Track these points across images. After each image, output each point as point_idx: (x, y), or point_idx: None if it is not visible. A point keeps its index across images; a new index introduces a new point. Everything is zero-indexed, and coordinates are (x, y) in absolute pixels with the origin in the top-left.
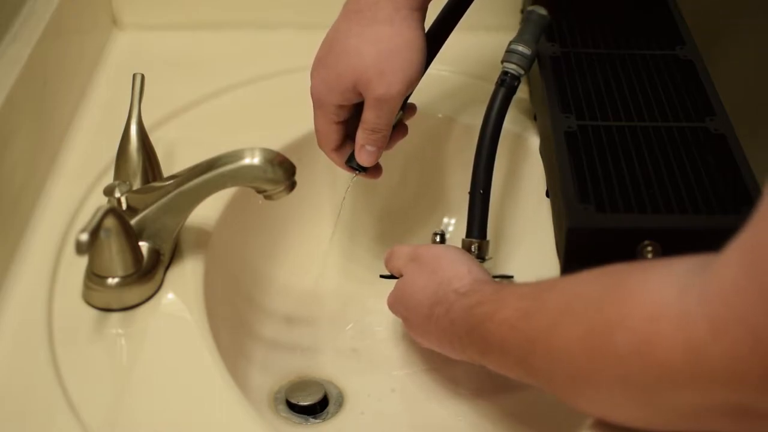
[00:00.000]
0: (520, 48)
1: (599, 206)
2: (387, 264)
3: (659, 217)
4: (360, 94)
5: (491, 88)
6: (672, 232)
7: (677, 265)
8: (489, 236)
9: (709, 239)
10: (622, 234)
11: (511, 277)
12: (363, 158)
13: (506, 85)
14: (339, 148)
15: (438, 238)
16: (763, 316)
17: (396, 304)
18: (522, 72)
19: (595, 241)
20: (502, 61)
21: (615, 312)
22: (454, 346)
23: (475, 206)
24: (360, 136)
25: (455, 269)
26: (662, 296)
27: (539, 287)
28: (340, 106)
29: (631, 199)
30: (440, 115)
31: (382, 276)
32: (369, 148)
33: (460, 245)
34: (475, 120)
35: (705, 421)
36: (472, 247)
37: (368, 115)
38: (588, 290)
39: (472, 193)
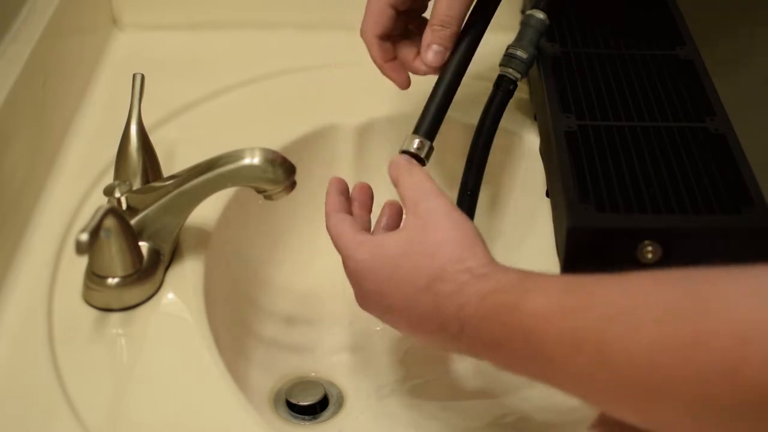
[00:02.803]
0: (518, 53)
1: (599, 206)
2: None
3: (659, 217)
4: None
5: (490, 87)
6: (672, 232)
7: (762, 275)
8: (487, 236)
9: (709, 239)
10: (622, 234)
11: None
12: (429, 58)
13: (503, 90)
14: (384, 36)
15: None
16: None
17: (377, 255)
18: (519, 76)
19: (595, 241)
20: (500, 65)
21: (696, 327)
22: (448, 332)
23: (462, 207)
24: (427, 33)
25: (472, 246)
26: (750, 314)
27: (585, 281)
28: None
29: (631, 199)
30: None
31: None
32: (436, 47)
33: None
34: (473, 119)
35: None
36: None
37: (439, 6)
38: (659, 296)
39: (461, 194)
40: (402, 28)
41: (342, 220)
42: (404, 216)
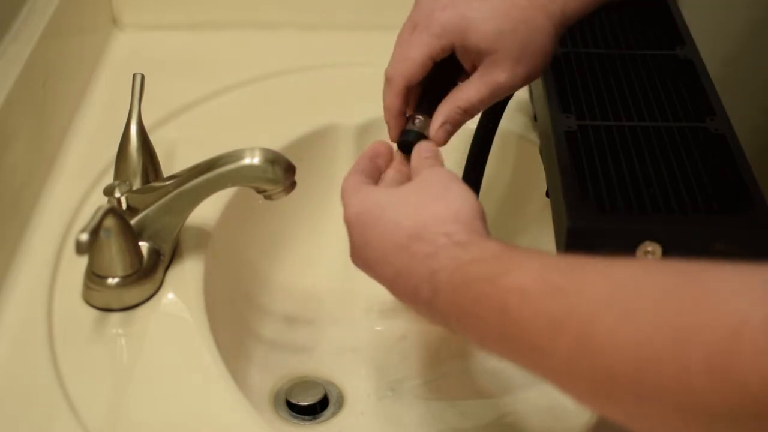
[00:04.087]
0: None
1: (599, 206)
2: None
3: (659, 217)
4: (470, 63)
5: None
6: (672, 232)
7: (756, 273)
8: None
9: (709, 239)
10: (622, 234)
11: None
12: (440, 135)
13: None
14: (410, 87)
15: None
16: None
17: (365, 201)
18: None
19: (595, 241)
20: None
21: (687, 320)
22: (420, 297)
23: None
24: (446, 109)
25: (459, 211)
26: (743, 310)
27: (572, 262)
28: (443, 49)
29: (632, 199)
30: None
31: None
32: (449, 128)
33: None
34: (472, 122)
35: None
36: None
37: (468, 90)
38: (648, 285)
39: None
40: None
41: (354, 176)
42: None
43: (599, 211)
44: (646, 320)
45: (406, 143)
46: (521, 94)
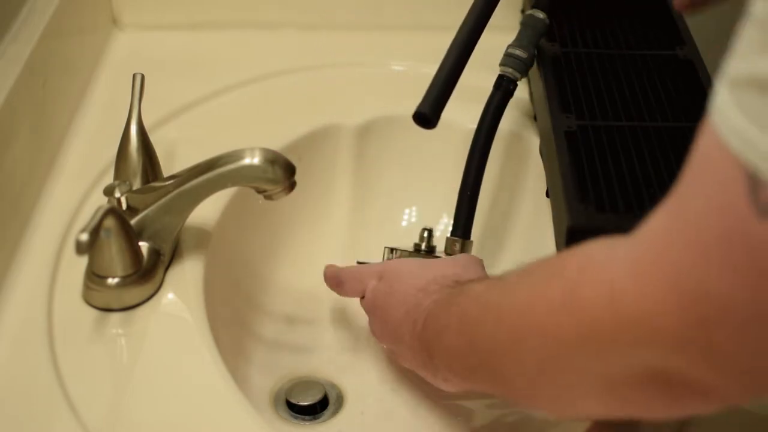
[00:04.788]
0: (518, 52)
1: (599, 206)
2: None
3: None
4: None
5: (490, 87)
6: None
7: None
8: (487, 236)
9: None
10: (622, 234)
11: None
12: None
13: (502, 90)
14: None
15: (426, 234)
16: (685, 253)
17: (389, 270)
18: (518, 76)
19: None
20: (500, 65)
21: (555, 272)
22: (414, 349)
23: (462, 207)
24: None
25: (461, 266)
26: (593, 248)
27: (501, 276)
28: None
29: (631, 199)
30: None
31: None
32: None
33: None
34: (472, 122)
35: (631, 394)
36: (456, 245)
37: None
38: (539, 263)
39: (461, 194)
40: None
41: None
42: None
43: (599, 211)
44: (528, 289)
45: None
46: (521, 94)
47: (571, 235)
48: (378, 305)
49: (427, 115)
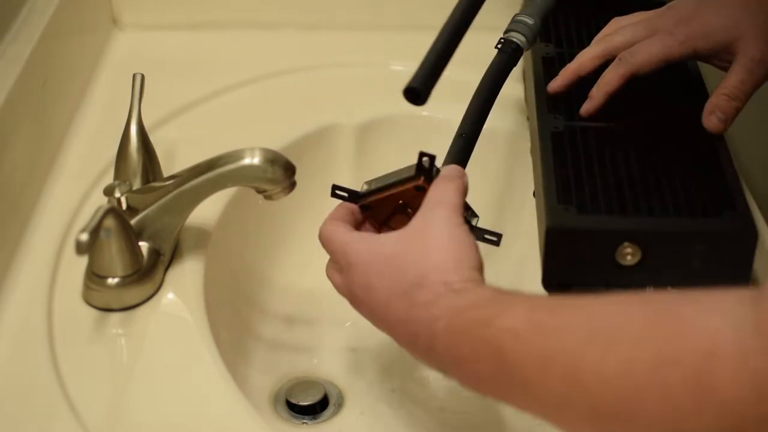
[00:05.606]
0: (524, 18)
1: (581, 207)
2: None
3: (640, 219)
4: (724, 60)
5: None
6: (652, 234)
7: (728, 297)
8: None
9: (687, 242)
10: (601, 235)
11: (500, 235)
12: (713, 122)
13: (505, 51)
14: None
15: (427, 160)
16: None
17: (372, 251)
18: (523, 40)
19: (574, 242)
20: (504, 32)
21: (666, 347)
22: (419, 342)
23: (453, 147)
24: (712, 101)
25: (460, 259)
26: (717, 332)
27: (556, 302)
28: (681, 55)
29: (613, 200)
30: (440, 116)
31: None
32: (720, 115)
33: None
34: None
35: None
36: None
37: (732, 78)
38: (628, 318)
39: (454, 139)
40: None
41: (336, 223)
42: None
43: (581, 212)
44: (626, 351)
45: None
46: (516, 93)
47: (550, 235)
48: (356, 304)
49: (417, 89)
